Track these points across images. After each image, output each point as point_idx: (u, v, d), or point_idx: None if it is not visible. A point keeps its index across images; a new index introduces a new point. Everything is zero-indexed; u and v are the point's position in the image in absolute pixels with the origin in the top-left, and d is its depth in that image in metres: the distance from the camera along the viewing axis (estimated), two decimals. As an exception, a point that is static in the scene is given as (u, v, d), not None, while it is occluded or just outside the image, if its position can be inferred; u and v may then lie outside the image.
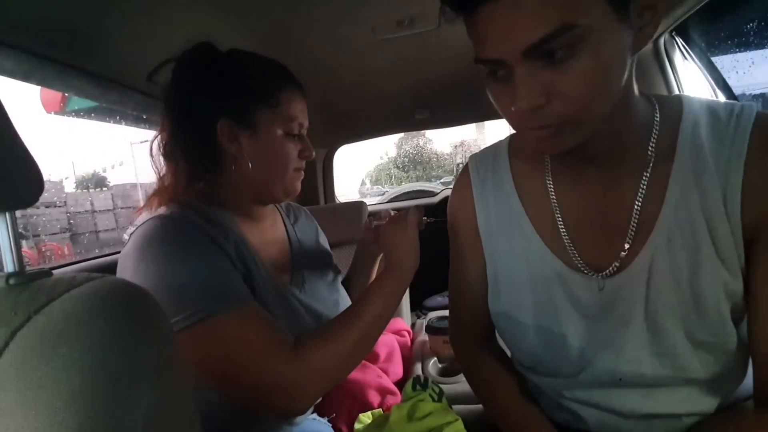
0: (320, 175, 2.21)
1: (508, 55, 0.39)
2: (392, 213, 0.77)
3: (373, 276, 0.87)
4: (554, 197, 0.56)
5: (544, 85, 0.40)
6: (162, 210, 0.61)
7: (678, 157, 0.48)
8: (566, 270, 0.54)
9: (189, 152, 0.64)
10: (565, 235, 0.55)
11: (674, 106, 0.50)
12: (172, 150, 0.65)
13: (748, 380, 0.52)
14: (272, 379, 0.53)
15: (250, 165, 0.65)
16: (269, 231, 0.76)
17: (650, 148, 0.49)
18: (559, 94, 0.40)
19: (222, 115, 0.63)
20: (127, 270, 0.55)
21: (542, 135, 0.44)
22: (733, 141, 0.45)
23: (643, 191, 0.49)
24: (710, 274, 0.46)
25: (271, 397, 0.54)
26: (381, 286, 0.65)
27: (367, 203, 1.76)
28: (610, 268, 0.51)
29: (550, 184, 0.57)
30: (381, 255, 0.86)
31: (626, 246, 0.50)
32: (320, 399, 0.79)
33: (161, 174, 0.66)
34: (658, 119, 0.50)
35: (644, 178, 0.49)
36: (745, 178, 0.44)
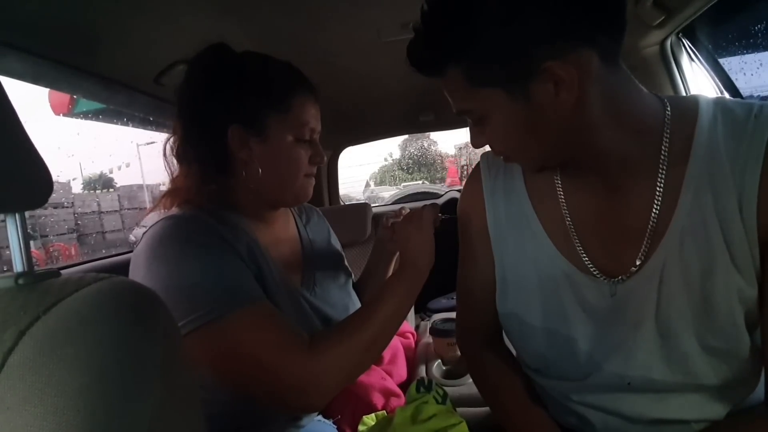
0: (325, 177, 2.21)
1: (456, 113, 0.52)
2: (406, 211, 0.77)
3: (389, 275, 0.87)
4: (563, 199, 0.56)
5: (481, 134, 0.52)
6: (174, 210, 0.62)
7: (692, 159, 0.47)
8: (576, 272, 0.54)
9: (200, 155, 0.64)
10: (575, 238, 0.54)
11: (689, 106, 0.49)
12: (184, 152, 0.65)
13: (761, 387, 0.51)
14: (288, 376, 0.53)
15: (260, 170, 0.65)
16: (281, 231, 0.76)
17: (663, 151, 0.48)
18: (490, 142, 0.53)
19: (233, 121, 0.63)
20: (139, 269, 0.56)
21: (501, 159, 0.56)
22: (750, 142, 0.44)
23: (657, 194, 0.48)
24: (723, 280, 0.45)
25: (287, 394, 0.54)
26: (396, 283, 0.65)
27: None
28: (622, 273, 0.51)
29: (558, 185, 0.57)
30: (397, 254, 0.85)
31: (638, 251, 0.50)
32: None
33: (174, 175, 0.67)
34: (669, 121, 0.49)
35: (658, 180, 0.48)
36: (762, 181, 0.43)
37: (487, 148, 0.56)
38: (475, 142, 0.54)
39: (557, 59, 0.42)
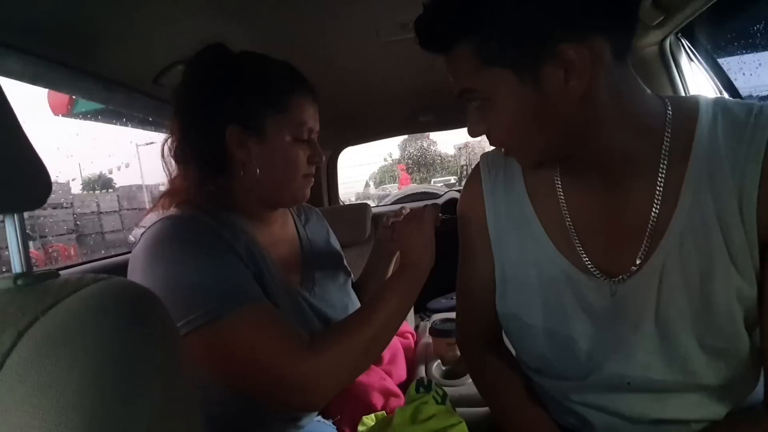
0: (324, 177, 2.21)
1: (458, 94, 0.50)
2: (406, 210, 0.77)
3: (389, 275, 0.87)
4: (563, 199, 0.56)
5: (480, 122, 0.51)
6: (173, 211, 0.62)
7: (693, 159, 0.47)
8: (576, 272, 0.54)
9: (199, 156, 0.64)
10: (575, 238, 0.54)
11: (690, 106, 0.49)
12: (182, 153, 0.65)
13: (761, 387, 0.51)
14: (288, 376, 0.53)
15: (258, 171, 0.65)
16: (280, 232, 0.76)
17: (663, 151, 0.48)
18: (490, 130, 0.51)
19: (231, 121, 0.63)
20: (138, 270, 0.55)
21: (501, 151, 0.56)
22: (750, 142, 0.44)
23: (657, 194, 0.48)
24: (723, 280, 0.45)
25: (287, 394, 0.54)
26: (396, 283, 0.65)
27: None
28: (622, 273, 0.51)
29: (558, 185, 0.57)
30: (397, 254, 0.85)
31: (638, 251, 0.50)
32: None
33: (172, 176, 0.67)
34: (670, 121, 0.49)
35: (658, 180, 0.48)
36: (762, 182, 0.43)
37: (488, 146, 0.56)
38: (473, 130, 0.53)
39: (573, 42, 0.41)
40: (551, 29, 0.42)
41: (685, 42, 1.02)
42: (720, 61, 1.00)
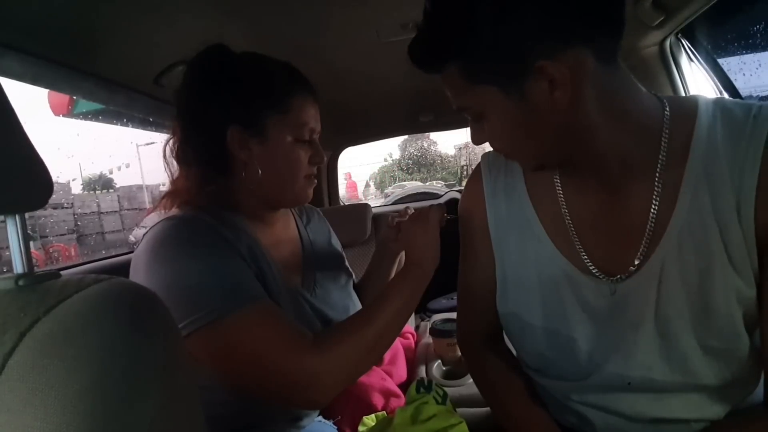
0: (325, 177, 2.21)
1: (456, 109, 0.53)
2: (411, 210, 0.77)
3: (392, 276, 0.87)
4: (563, 199, 0.56)
5: (480, 131, 0.53)
6: (174, 211, 0.62)
7: (691, 159, 0.47)
8: (576, 272, 0.54)
9: (200, 157, 0.64)
10: (575, 238, 0.54)
11: (688, 106, 0.49)
12: (183, 154, 0.65)
13: (761, 388, 0.51)
14: (291, 373, 0.53)
15: (259, 172, 0.65)
16: (281, 232, 0.76)
17: (662, 151, 0.48)
18: (488, 139, 0.53)
19: (232, 121, 0.63)
20: (140, 270, 0.56)
21: (502, 158, 0.59)
22: (749, 142, 0.44)
23: (656, 194, 0.48)
24: (722, 280, 0.45)
25: (292, 391, 0.54)
26: (401, 282, 0.65)
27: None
28: (621, 273, 0.51)
29: (558, 186, 0.57)
30: (400, 255, 0.85)
31: (637, 251, 0.50)
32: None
33: (174, 177, 0.67)
34: (668, 121, 0.49)
35: (656, 180, 0.48)
36: (760, 182, 0.43)
37: (488, 147, 0.56)
38: (475, 139, 0.54)
39: (550, 58, 0.42)
40: (528, 48, 0.43)
41: (685, 42, 1.02)
42: (720, 61, 1.00)
